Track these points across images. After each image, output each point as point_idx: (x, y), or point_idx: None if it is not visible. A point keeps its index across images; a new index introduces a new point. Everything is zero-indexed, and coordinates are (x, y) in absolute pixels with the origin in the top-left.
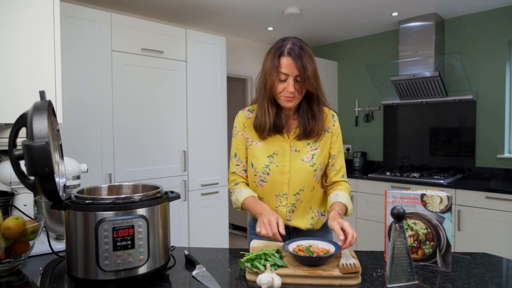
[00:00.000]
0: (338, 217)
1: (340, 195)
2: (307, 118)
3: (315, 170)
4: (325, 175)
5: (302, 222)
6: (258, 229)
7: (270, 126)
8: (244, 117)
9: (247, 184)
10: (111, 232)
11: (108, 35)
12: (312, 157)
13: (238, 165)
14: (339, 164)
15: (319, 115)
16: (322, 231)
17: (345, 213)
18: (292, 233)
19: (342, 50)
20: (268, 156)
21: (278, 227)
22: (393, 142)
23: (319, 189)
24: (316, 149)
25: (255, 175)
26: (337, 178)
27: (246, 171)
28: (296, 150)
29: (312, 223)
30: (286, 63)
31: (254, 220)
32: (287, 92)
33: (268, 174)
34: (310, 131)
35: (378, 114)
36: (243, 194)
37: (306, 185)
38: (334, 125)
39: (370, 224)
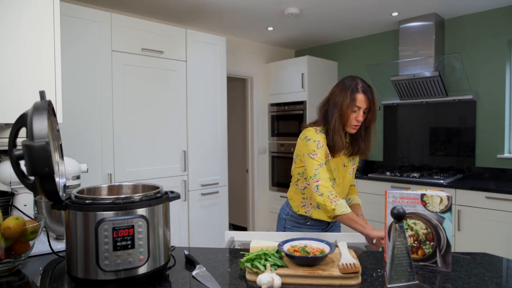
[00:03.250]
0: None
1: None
2: (360, 141)
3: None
4: None
5: None
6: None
7: (344, 148)
8: (323, 136)
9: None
10: (111, 232)
11: (108, 35)
12: (353, 170)
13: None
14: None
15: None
16: None
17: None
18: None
19: (342, 50)
20: (330, 170)
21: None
22: (393, 142)
23: None
24: (354, 164)
25: None
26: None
27: None
28: (344, 165)
29: None
30: (361, 99)
31: (299, 215)
32: (356, 120)
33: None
34: (357, 150)
35: (378, 114)
36: (347, 208)
37: (348, 189)
38: None
39: (370, 224)
